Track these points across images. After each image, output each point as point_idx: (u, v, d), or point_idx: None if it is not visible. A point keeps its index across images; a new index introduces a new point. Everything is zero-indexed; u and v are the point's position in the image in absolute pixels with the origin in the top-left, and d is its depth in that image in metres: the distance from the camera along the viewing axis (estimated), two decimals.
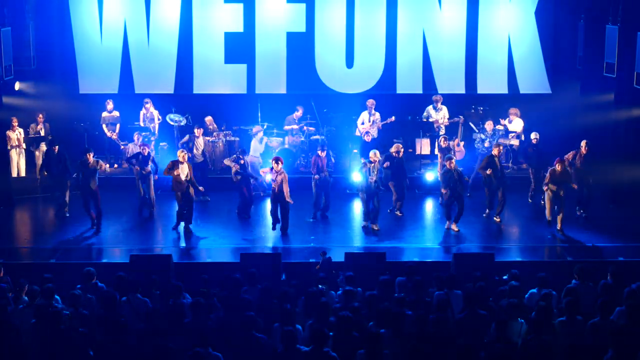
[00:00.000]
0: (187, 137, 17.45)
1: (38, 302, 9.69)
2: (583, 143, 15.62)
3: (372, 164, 14.72)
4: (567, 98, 18.68)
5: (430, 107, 18.58)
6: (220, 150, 18.22)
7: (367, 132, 17.09)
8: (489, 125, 17.85)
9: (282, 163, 14.61)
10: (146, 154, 15.76)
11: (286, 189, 14.43)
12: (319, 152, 15.53)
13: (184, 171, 14.62)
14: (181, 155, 14.72)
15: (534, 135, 16.52)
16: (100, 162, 15.12)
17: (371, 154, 14.87)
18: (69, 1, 18.61)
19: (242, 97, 19.20)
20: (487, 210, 15.65)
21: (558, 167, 14.56)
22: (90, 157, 14.81)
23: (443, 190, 14.84)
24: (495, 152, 15.45)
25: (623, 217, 15.68)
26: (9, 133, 17.29)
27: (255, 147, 17.22)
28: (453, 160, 14.76)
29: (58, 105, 18.56)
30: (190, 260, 13.62)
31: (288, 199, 14.47)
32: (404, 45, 18.92)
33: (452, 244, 14.31)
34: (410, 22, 18.86)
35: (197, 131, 17.32)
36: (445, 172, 14.82)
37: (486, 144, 17.41)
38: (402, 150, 15.67)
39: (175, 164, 14.63)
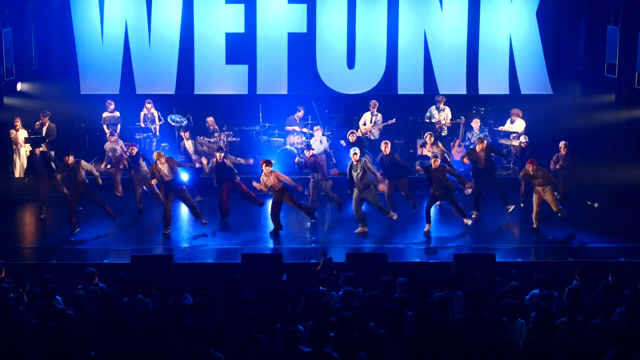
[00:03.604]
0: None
1: (39, 303, 9.69)
2: (561, 144, 15.63)
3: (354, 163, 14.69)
4: (568, 99, 18.70)
5: (433, 107, 18.57)
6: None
7: (352, 132, 16.99)
8: (475, 124, 17.87)
9: (270, 166, 14.61)
10: (134, 153, 15.75)
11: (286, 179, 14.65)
12: (306, 151, 15.60)
13: (165, 169, 14.60)
14: (155, 156, 14.72)
15: (523, 139, 16.50)
16: (82, 162, 15.04)
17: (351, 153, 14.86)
18: (70, 2, 18.61)
19: (243, 97, 19.19)
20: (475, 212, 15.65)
21: (530, 169, 14.53)
22: (70, 159, 14.78)
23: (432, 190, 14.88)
24: (477, 147, 15.47)
25: (623, 218, 15.68)
26: (12, 133, 17.30)
27: (317, 147, 17.24)
28: (438, 160, 14.73)
29: (59, 105, 18.55)
30: (191, 261, 13.63)
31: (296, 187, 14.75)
32: (405, 45, 18.91)
33: (453, 244, 14.31)
34: (411, 22, 18.85)
35: (184, 134, 17.31)
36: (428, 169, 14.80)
37: (473, 141, 17.52)
38: (388, 148, 15.54)
39: (154, 169, 14.62)
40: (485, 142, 15.60)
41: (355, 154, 14.63)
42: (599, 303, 9.54)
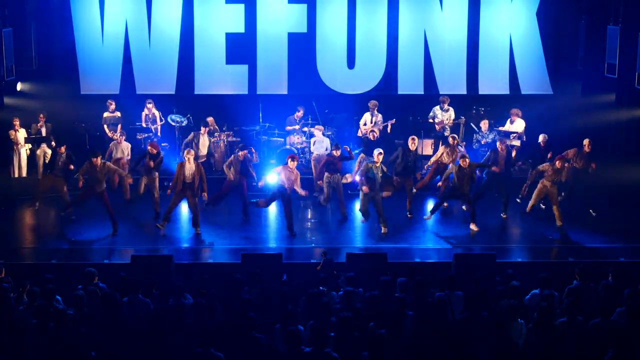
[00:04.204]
0: (191, 135, 17.49)
1: (39, 303, 9.69)
2: (586, 141, 15.62)
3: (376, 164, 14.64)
4: (568, 99, 18.72)
5: (437, 107, 18.52)
6: (221, 151, 18.22)
7: (372, 131, 17.05)
8: (484, 125, 17.85)
9: (297, 160, 14.66)
10: (154, 153, 15.64)
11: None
12: (334, 151, 15.52)
13: (190, 171, 14.58)
14: (186, 155, 14.67)
15: (542, 138, 16.48)
16: (108, 164, 14.95)
17: (375, 153, 14.80)
18: (70, 2, 18.62)
19: (243, 97, 19.20)
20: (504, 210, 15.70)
21: (558, 164, 14.55)
22: (98, 161, 14.69)
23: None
24: (499, 148, 15.50)
25: (624, 218, 15.67)
26: (12, 133, 17.29)
27: (318, 147, 17.29)
28: (467, 158, 14.71)
29: (59, 105, 18.55)
30: (192, 261, 13.63)
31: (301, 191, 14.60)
32: (405, 45, 18.92)
33: (454, 244, 14.30)
34: (411, 22, 18.87)
35: (203, 129, 17.36)
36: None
37: (483, 143, 17.49)
38: (415, 143, 15.71)
39: (181, 166, 14.60)
40: (504, 144, 15.67)
41: (381, 153, 14.62)
42: (599, 303, 9.53)
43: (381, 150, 14.74)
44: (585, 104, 18.38)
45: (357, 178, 14.74)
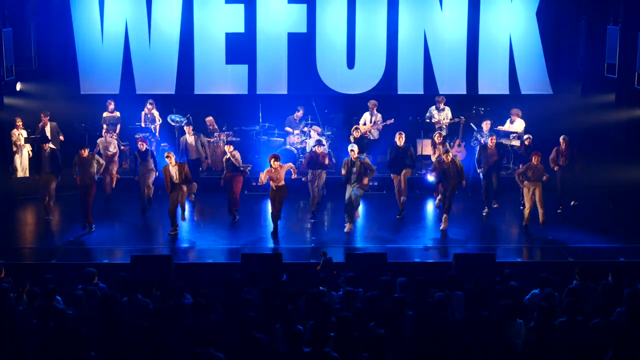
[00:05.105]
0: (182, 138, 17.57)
1: (39, 303, 9.69)
2: (561, 139, 15.67)
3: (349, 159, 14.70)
4: (568, 99, 18.71)
5: (433, 107, 18.53)
6: (221, 151, 18.21)
7: (356, 128, 17.05)
8: (486, 125, 17.82)
9: (279, 160, 14.61)
10: (143, 149, 15.72)
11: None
12: (316, 148, 15.53)
13: (174, 172, 14.57)
14: (166, 158, 14.67)
15: (526, 136, 16.55)
16: (97, 157, 15.24)
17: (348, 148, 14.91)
18: (70, 2, 18.61)
19: (243, 97, 19.19)
20: (486, 209, 15.72)
21: (534, 161, 14.55)
22: (85, 152, 14.81)
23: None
24: (489, 143, 15.58)
25: (623, 218, 15.67)
26: (15, 133, 17.26)
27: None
28: (449, 154, 14.73)
29: (59, 105, 18.55)
30: (191, 261, 13.63)
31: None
32: (405, 45, 18.90)
33: (453, 244, 14.30)
34: (411, 22, 18.85)
35: (187, 129, 17.31)
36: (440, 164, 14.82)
37: (483, 142, 17.51)
38: (402, 138, 15.68)
39: (166, 170, 14.63)
40: (495, 137, 15.84)
41: (352, 150, 14.67)
42: (599, 303, 9.54)
43: (351, 147, 14.79)
44: (585, 104, 18.37)
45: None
